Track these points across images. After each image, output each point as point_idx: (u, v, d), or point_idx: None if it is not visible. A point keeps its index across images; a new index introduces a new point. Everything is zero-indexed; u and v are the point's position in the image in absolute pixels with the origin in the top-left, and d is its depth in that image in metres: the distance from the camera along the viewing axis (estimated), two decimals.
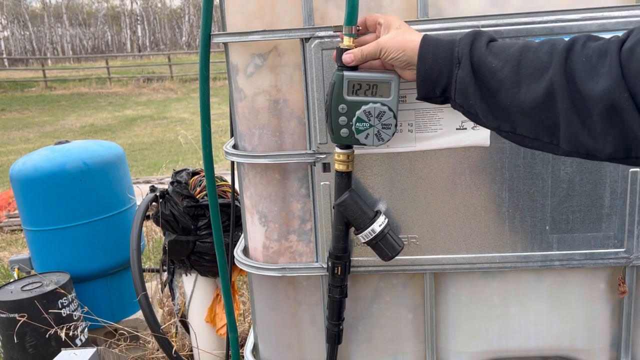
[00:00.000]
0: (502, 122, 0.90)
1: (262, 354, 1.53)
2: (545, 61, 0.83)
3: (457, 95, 0.93)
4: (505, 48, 0.89)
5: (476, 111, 0.93)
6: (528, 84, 0.84)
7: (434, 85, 0.96)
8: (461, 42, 0.93)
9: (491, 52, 0.90)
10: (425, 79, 0.96)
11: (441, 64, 0.94)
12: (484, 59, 0.90)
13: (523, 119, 0.87)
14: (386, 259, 1.23)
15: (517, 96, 0.85)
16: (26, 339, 2.28)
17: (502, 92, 0.87)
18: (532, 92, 0.84)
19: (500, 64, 0.87)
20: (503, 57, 0.88)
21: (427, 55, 0.95)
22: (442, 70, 0.94)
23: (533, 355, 1.40)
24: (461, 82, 0.92)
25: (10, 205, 5.76)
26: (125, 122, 13.16)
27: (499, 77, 0.87)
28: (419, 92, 0.99)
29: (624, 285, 1.30)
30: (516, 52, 0.87)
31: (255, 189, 1.36)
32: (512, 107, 0.87)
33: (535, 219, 1.26)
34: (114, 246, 2.73)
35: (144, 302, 2.18)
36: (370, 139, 1.12)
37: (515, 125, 0.89)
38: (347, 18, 1.09)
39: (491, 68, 0.88)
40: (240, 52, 1.27)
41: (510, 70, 0.86)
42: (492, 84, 0.88)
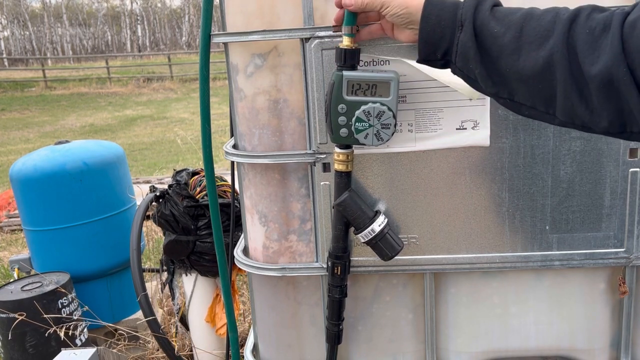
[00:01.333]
0: (501, 89, 0.90)
1: (262, 354, 1.53)
2: (548, 30, 0.82)
3: (458, 59, 0.92)
4: (509, 14, 0.88)
5: (475, 76, 0.91)
6: (528, 51, 0.83)
7: (435, 47, 0.94)
8: (465, 5, 0.91)
9: (494, 17, 0.88)
10: (428, 41, 0.94)
11: (444, 25, 0.92)
12: (486, 24, 0.88)
13: (521, 87, 0.86)
14: (386, 258, 1.23)
15: (517, 63, 0.84)
16: (26, 339, 2.28)
17: (502, 58, 0.86)
18: (531, 60, 0.83)
19: (502, 30, 0.86)
20: (506, 22, 0.87)
21: (430, 16, 0.93)
22: (445, 33, 0.92)
23: (533, 355, 1.40)
24: (462, 45, 0.90)
25: (10, 205, 5.76)
26: (125, 122, 13.16)
27: (500, 42, 0.86)
28: (420, 54, 0.97)
29: (625, 285, 1.30)
30: (519, 18, 0.86)
31: (255, 189, 1.36)
32: (511, 74, 0.86)
33: (535, 219, 1.26)
34: (114, 246, 2.73)
35: (144, 302, 2.18)
36: (370, 139, 1.12)
37: (513, 92, 0.88)
38: (347, 18, 1.09)
39: (493, 33, 0.87)
40: (240, 52, 1.27)
41: (512, 36, 0.85)
42: (492, 49, 0.87)
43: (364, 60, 1.18)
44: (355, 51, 1.11)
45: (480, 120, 1.20)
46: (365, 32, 1.10)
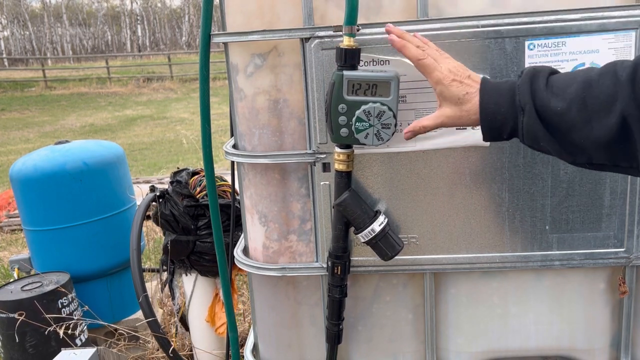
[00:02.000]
0: (578, 157, 0.91)
1: (262, 354, 1.53)
2: (611, 95, 0.83)
3: (526, 139, 0.94)
4: (566, 86, 0.89)
5: (548, 150, 0.93)
6: (599, 119, 0.84)
7: (500, 131, 0.97)
8: (521, 89, 0.93)
9: (552, 93, 0.90)
10: (491, 128, 0.97)
11: (504, 112, 0.94)
12: (547, 103, 0.89)
13: (599, 151, 0.87)
14: (386, 258, 1.23)
15: (591, 134, 0.86)
16: (26, 339, 2.28)
17: (574, 132, 0.87)
18: (605, 128, 0.84)
19: (566, 105, 0.88)
20: (566, 97, 0.88)
21: (489, 106, 0.96)
22: (507, 118, 0.94)
23: (533, 355, 1.40)
24: (528, 128, 0.92)
25: (10, 205, 5.76)
26: (125, 122, 13.15)
27: (567, 118, 0.87)
28: (485, 138, 0.99)
29: (625, 285, 1.30)
30: (578, 89, 0.87)
31: (255, 189, 1.36)
32: (587, 144, 0.87)
33: (535, 218, 1.26)
34: (114, 246, 2.73)
35: (144, 302, 2.18)
36: (370, 139, 1.12)
37: (591, 157, 0.89)
38: (348, 18, 1.09)
39: (557, 111, 0.88)
40: (240, 52, 1.27)
41: (578, 110, 0.86)
42: (561, 125, 0.89)
43: (364, 60, 1.18)
44: (355, 51, 1.11)
45: None
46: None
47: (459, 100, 1.00)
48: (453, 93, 1.00)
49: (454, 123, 1.02)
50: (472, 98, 0.99)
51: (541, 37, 1.15)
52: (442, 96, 1.02)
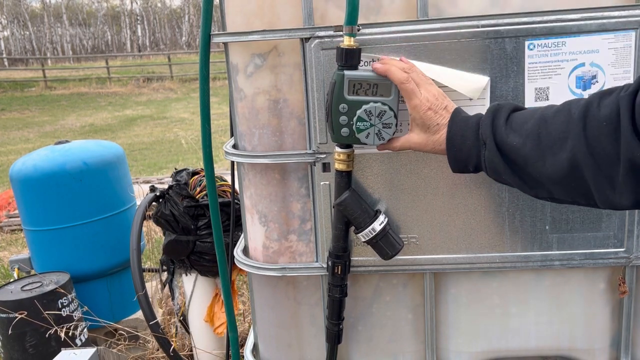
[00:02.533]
0: (539, 191, 0.94)
1: (262, 354, 1.53)
2: (563, 131, 0.86)
3: (490, 172, 0.98)
4: (524, 122, 0.93)
5: (511, 184, 0.97)
6: (552, 155, 0.87)
7: (465, 163, 1.01)
8: (483, 124, 0.97)
9: (511, 129, 0.94)
10: (457, 159, 1.02)
11: (469, 145, 0.99)
12: (505, 138, 0.94)
13: (556, 187, 0.90)
14: (386, 258, 1.23)
15: (544, 169, 0.89)
16: (26, 339, 2.28)
17: (529, 167, 0.91)
18: (557, 165, 0.87)
19: (522, 141, 0.91)
20: (523, 132, 0.92)
21: (456, 137, 1.01)
22: (471, 152, 0.99)
23: (533, 355, 1.40)
24: (490, 161, 0.96)
25: (10, 205, 5.76)
26: (125, 122, 13.16)
27: (523, 153, 0.91)
28: (452, 168, 1.04)
29: (625, 285, 1.30)
30: (534, 125, 0.90)
31: (255, 189, 1.36)
32: (543, 179, 0.90)
33: (535, 218, 1.26)
34: (114, 246, 2.73)
35: (144, 302, 2.18)
36: (371, 138, 1.12)
37: (551, 192, 0.92)
38: (348, 18, 1.09)
39: (513, 146, 0.92)
40: (240, 52, 1.27)
41: (532, 145, 0.90)
42: (518, 160, 0.92)
43: (364, 60, 1.18)
44: (356, 51, 1.11)
45: None
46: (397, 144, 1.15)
47: (428, 129, 1.05)
48: (425, 121, 1.05)
49: (419, 149, 1.08)
50: (440, 129, 1.04)
51: (541, 37, 1.15)
52: (415, 122, 1.08)
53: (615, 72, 1.15)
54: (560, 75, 1.16)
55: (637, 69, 1.15)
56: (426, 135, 1.06)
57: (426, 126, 1.05)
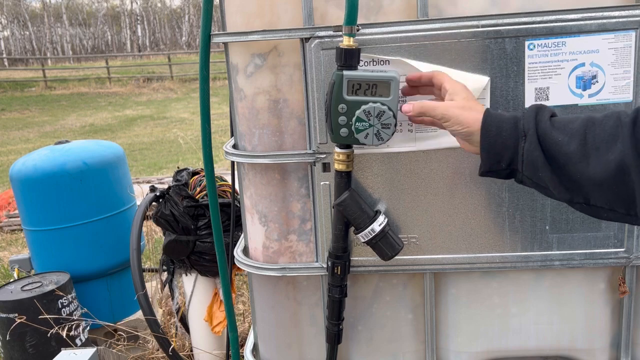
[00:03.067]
0: (575, 194, 0.90)
1: (262, 354, 1.53)
2: (613, 134, 0.84)
3: (526, 168, 0.93)
4: (569, 122, 0.90)
5: (546, 183, 0.92)
6: (597, 157, 0.85)
7: (499, 157, 0.96)
8: (525, 116, 0.94)
9: (554, 127, 0.91)
10: (490, 151, 0.96)
11: (505, 137, 0.94)
12: (549, 133, 0.90)
13: (595, 191, 0.87)
14: (386, 258, 1.23)
15: (587, 170, 0.86)
16: (26, 339, 2.28)
17: (570, 166, 0.88)
18: (602, 166, 0.84)
19: (567, 138, 0.88)
20: (568, 131, 0.89)
21: (491, 128, 0.95)
22: (507, 143, 0.94)
23: (533, 355, 1.40)
24: (529, 155, 0.92)
25: (10, 205, 5.76)
26: (125, 122, 13.16)
27: (566, 150, 0.88)
28: (483, 165, 0.98)
29: (625, 285, 1.30)
30: (580, 126, 0.88)
31: (255, 189, 1.36)
32: (583, 180, 0.87)
33: (535, 218, 1.26)
34: (114, 246, 2.73)
35: (144, 302, 2.18)
36: (370, 139, 1.12)
37: (588, 196, 0.89)
38: (347, 18, 1.09)
39: (557, 142, 0.89)
40: (240, 52, 1.27)
41: (578, 144, 0.87)
42: (559, 157, 0.89)
43: (364, 60, 1.18)
44: (355, 51, 1.11)
45: None
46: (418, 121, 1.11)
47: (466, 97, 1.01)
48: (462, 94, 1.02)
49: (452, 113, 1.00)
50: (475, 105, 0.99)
51: (541, 37, 1.15)
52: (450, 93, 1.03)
53: (615, 72, 1.15)
54: (560, 75, 1.16)
55: (637, 69, 1.15)
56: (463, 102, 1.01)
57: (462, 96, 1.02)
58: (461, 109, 0.99)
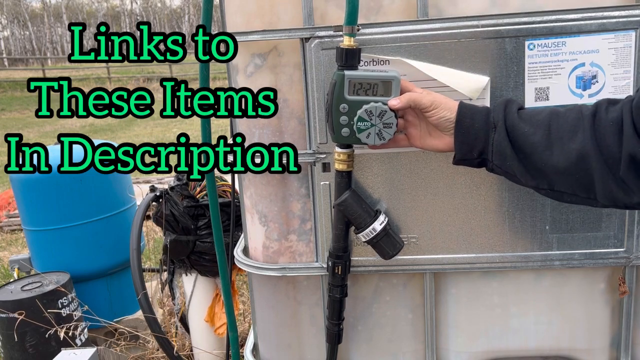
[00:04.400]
0: (540, 181, 0.98)
1: (262, 354, 1.53)
2: (575, 125, 0.92)
3: (495, 157, 1.01)
4: (534, 115, 0.98)
5: (514, 171, 1.00)
6: (560, 146, 0.93)
7: (471, 147, 1.03)
8: (495, 109, 1.01)
9: (522, 119, 0.98)
10: (464, 141, 1.03)
11: (478, 127, 1.01)
12: (516, 124, 0.98)
13: (559, 178, 0.94)
14: (387, 257, 1.23)
15: (551, 158, 0.93)
16: (26, 339, 2.28)
17: (536, 155, 0.95)
18: (564, 155, 0.92)
19: (532, 129, 0.96)
20: (534, 122, 0.97)
21: (465, 119, 1.03)
22: (479, 134, 1.02)
23: (533, 355, 1.40)
24: (498, 145, 0.99)
25: (10, 205, 5.76)
26: (125, 122, 13.16)
27: (532, 140, 0.96)
28: (456, 154, 1.06)
29: (625, 285, 1.30)
30: (545, 118, 0.96)
31: (255, 189, 1.36)
32: (547, 168, 0.95)
33: (535, 218, 1.26)
34: (114, 246, 2.73)
35: (144, 302, 2.18)
36: (372, 138, 1.12)
37: (552, 183, 0.96)
38: (348, 18, 1.09)
39: (524, 132, 0.96)
40: (240, 52, 1.27)
41: (542, 134, 0.95)
42: (525, 147, 0.96)
43: (364, 60, 1.18)
44: (356, 51, 1.11)
45: None
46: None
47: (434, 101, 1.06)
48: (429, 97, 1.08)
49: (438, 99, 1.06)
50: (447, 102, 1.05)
51: (541, 37, 1.15)
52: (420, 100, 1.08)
53: (615, 72, 1.15)
54: (560, 75, 1.16)
55: (637, 69, 1.15)
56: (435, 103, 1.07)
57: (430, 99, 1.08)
58: (445, 97, 1.07)
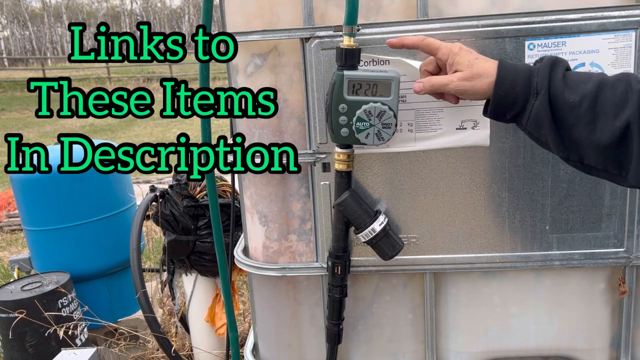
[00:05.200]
0: (572, 153, 0.93)
1: (262, 354, 1.53)
2: (622, 100, 0.86)
3: (530, 124, 0.95)
4: (581, 82, 0.91)
5: (547, 141, 0.94)
6: (604, 121, 0.87)
7: (506, 110, 0.97)
8: (540, 73, 0.94)
9: (567, 85, 0.91)
10: (500, 104, 0.96)
11: (518, 92, 0.94)
12: (561, 93, 0.91)
13: (594, 153, 0.89)
14: (386, 258, 1.23)
15: (593, 133, 0.88)
16: (26, 339, 2.28)
17: (578, 127, 0.89)
18: (608, 131, 0.86)
19: (578, 100, 0.89)
20: (580, 91, 0.90)
21: (505, 81, 0.95)
22: (518, 98, 0.95)
23: (533, 355, 1.40)
24: (537, 113, 0.93)
25: (10, 205, 5.75)
26: (125, 122, 13.16)
27: (576, 112, 0.89)
28: (490, 113, 0.99)
29: (625, 285, 1.30)
30: (593, 87, 0.89)
31: (255, 189, 1.36)
32: (586, 142, 0.89)
33: (535, 218, 1.26)
34: (114, 246, 2.73)
35: (144, 302, 2.18)
36: (371, 139, 1.12)
37: (583, 157, 0.91)
38: (348, 18, 1.09)
39: (568, 103, 0.90)
40: (240, 52, 1.27)
41: (587, 107, 0.88)
42: (568, 118, 0.90)
43: (364, 60, 1.18)
44: (355, 51, 1.11)
45: (480, 120, 1.20)
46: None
47: (469, 63, 0.99)
48: (463, 58, 1.00)
49: (464, 87, 0.99)
50: (481, 65, 0.98)
51: (541, 37, 1.15)
52: (453, 65, 1.01)
53: (615, 72, 1.15)
54: None
55: (637, 69, 1.15)
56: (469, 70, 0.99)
57: (466, 61, 0.99)
58: (470, 79, 0.99)
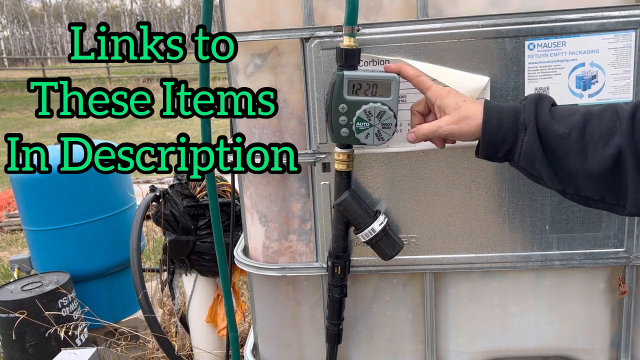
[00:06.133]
0: (567, 185, 0.93)
1: (262, 354, 1.53)
2: (610, 128, 0.87)
3: (522, 159, 0.95)
4: (568, 115, 0.92)
5: (541, 175, 0.95)
6: (595, 150, 0.87)
7: (497, 148, 0.98)
8: (525, 109, 0.95)
9: (554, 119, 0.93)
10: (490, 143, 0.98)
11: (506, 129, 0.96)
12: (549, 126, 0.92)
13: (589, 183, 0.90)
14: (386, 258, 1.23)
15: (584, 163, 0.88)
16: (26, 339, 2.28)
17: (570, 158, 0.90)
18: (599, 159, 0.87)
19: (567, 130, 0.90)
20: (567, 123, 0.91)
21: (492, 120, 0.97)
22: (507, 135, 0.96)
23: (533, 355, 1.40)
24: (527, 147, 0.94)
25: (10, 205, 5.75)
26: (125, 122, 13.16)
27: (566, 143, 0.90)
28: (481, 153, 1.00)
29: (625, 285, 1.30)
30: (580, 118, 0.90)
31: (255, 189, 1.36)
32: (579, 173, 0.90)
33: (535, 218, 1.26)
34: (114, 246, 2.73)
35: (144, 302, 2.18)
36: (371, 139, 1.12)
37: (579, 188, 0.92)
38: (348, 18, 1.09)
39: (557, 135, 0.91)
40: (240, 52, 1.27)
41: (577, 137, 0.89)
42: (559, 149, 0.91)
43: (364, 60, 1.18)
44: (355, 51, 1.11)
45: None
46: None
47: (456, 106, 1.01)
48: (450, 101, 1.02)
49: (452, 130, 1.01)
50: (468, 107, 1.00)
51: (541, 37, 1.15)
52: (440, 108, 1.04)
53: (615, 72, 1.15)
54: (560, 75, 1.16)
55: (637, 69, 1.15)
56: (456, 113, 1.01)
57: (453, 104, 1.01)
58: (457, 123, 1.01)
